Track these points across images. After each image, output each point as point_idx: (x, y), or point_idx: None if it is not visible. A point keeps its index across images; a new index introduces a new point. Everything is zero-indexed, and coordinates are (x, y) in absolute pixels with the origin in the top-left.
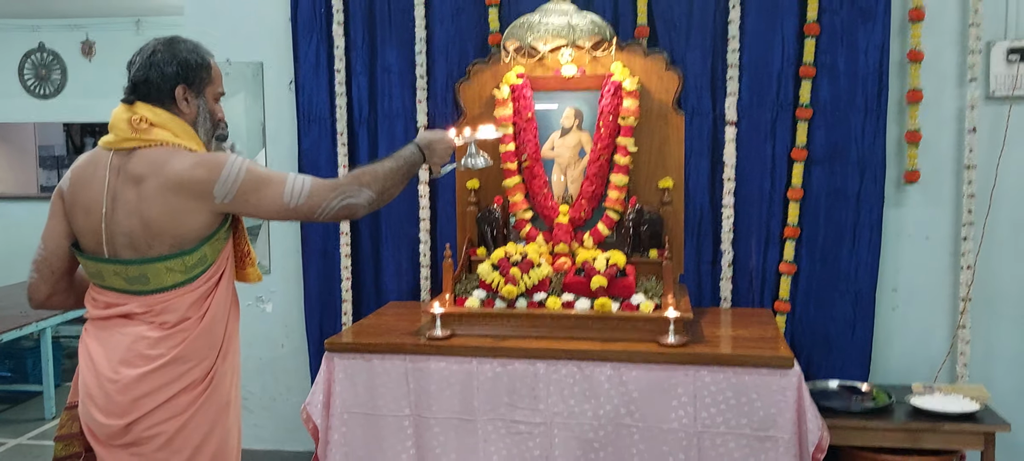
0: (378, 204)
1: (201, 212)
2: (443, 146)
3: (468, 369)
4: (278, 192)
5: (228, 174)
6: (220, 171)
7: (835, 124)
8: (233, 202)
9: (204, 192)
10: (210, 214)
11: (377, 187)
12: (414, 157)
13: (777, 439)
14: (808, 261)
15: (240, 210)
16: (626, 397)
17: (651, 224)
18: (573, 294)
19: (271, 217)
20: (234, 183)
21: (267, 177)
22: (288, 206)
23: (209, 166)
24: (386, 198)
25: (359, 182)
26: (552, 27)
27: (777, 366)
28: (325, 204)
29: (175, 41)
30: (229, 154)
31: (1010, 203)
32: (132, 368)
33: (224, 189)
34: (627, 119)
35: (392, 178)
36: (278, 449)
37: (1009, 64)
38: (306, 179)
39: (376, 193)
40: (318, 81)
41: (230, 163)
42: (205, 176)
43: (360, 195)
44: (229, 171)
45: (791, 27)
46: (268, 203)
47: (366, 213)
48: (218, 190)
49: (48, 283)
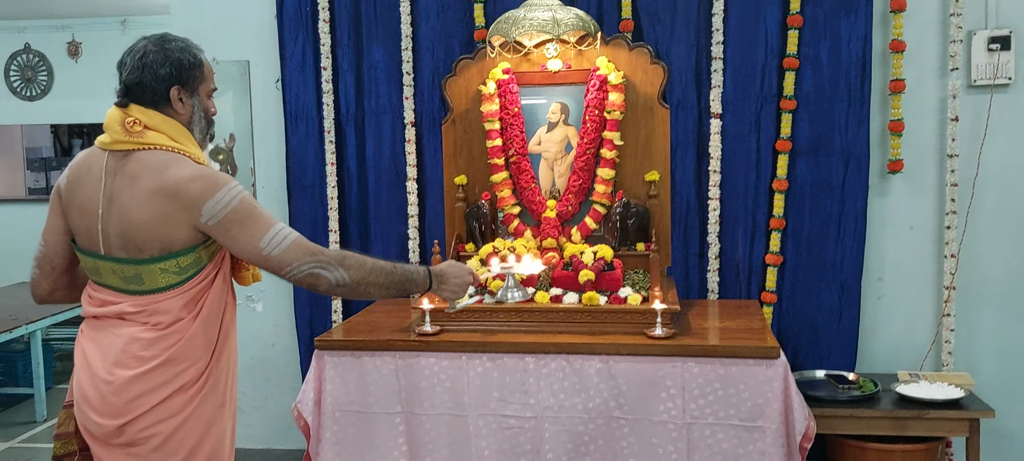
0: (349, 293)
1: (185, 225)
2: (459, 282)
3: (458, 365)
4: (259, 235)
5: (222, 197)
6: (215, 191)
7: (819, 115)
8: (216, 226)
9: (193, 206)
10: (193, 229)
11: (357, 276)
12: (416, 278)
13: (764, 429)
14: (794, 252)
15: (219, 237)
16: (615, 390)
17: (638, 217)
18: (561, 288)
19: (243, 256)
20: (224, 208)
21: (257, 216)
22: (261, 252)
23: (207, 182)
24: (362, 292)
25: (342, 262)
26: (537, 22)
27: (764, 357)
28: (296, 265)
29: (166, 40)
30: (230, 178)
31: (993, 191)
32: (126, 369)
33: (213, 210)
34: (613, 113)
35: (379, 278)
36: (270, 448)
37: (990, 53)
38: (291, 234)
39: (353, 281)
40: (305, 79)
41: (228, 187)
42: (199, 191)
43: (333, 273)
44: (223, 194)
45: (774, 19)
46: (245, 241)
47: (328, 293)
48: (207, 208)
49: (49, 279)
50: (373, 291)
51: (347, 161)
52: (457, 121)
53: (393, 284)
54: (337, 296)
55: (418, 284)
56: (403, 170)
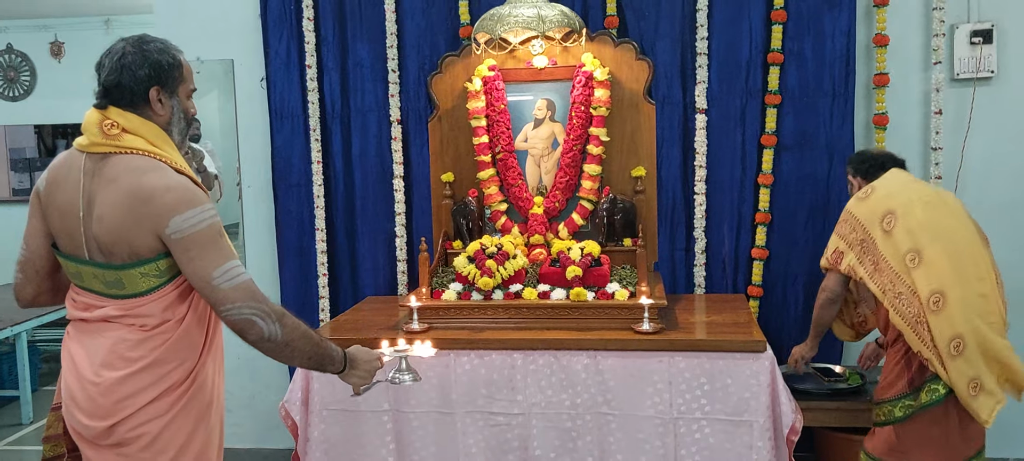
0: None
1: (150, 233)
2: (366, 368)
3: (446, 362)
4: (214, 264)
5: (192, 216)
6: (188, 208)
7: (803, 110)
8: (177, 242)
9: (162, 216)
10: (156, 238)
11: (288, 337)
12: (335, 357)
13: (752, 423)
14: (780, 246)
15: (176, 256)
16: (603, 385)
17: (625, 213)
18: (549, 285)
19: (191, 280)
20: (191, 227)
21: (219, 245)
22: (210, 281)
23: (181, 196)
24: (285, 355)
25: (280, 319)
26: (522, 19)
27: (750, 350)
28: (238, 305)
29: (144, 41)
30: (206, 199)
31: (976, 184)
32: (113, 371)
33: (179, 225)
34: (599, 109)
35: (305, 346)
36: (258, 447)
37: (972, 46)
38: (244, 275)
39: (283, 341)
40: (289, 77)
41: (202, 207)
42: (172, 203)
43: (269, 326)
44: (195, 214)
45: (758, 14)
46: (199, 266)
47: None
48: (174, 222)
49: (33, 283)
50: (295, 357)
51: (333, 159)
52: (443, 118)
53: (315, 356)
54: (261, 350)
55: (335, 364)
56: (389, 168)
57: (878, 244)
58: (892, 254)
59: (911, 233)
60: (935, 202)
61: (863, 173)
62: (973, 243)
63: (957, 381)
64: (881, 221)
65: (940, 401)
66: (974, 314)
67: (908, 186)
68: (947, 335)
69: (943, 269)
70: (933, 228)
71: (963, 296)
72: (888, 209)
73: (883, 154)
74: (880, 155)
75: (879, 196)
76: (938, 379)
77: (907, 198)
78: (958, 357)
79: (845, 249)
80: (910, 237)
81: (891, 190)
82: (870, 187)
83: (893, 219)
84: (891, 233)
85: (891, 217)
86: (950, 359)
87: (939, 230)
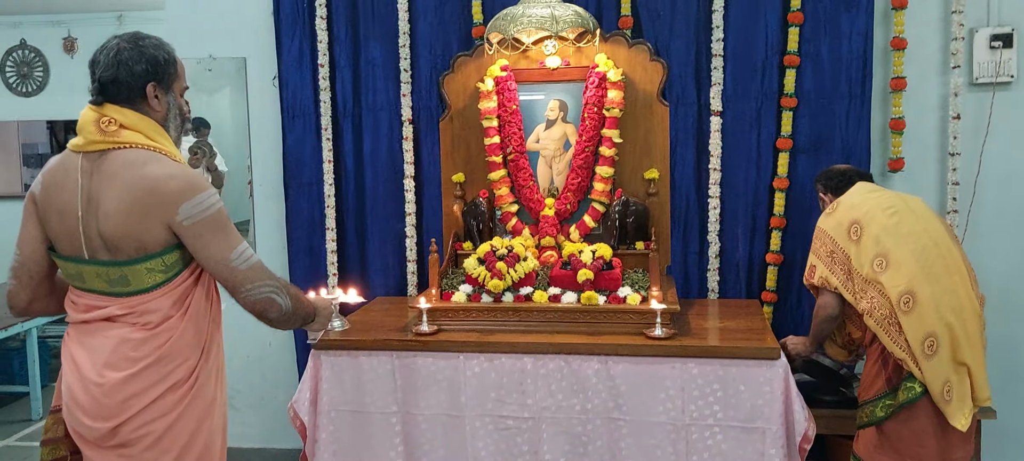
0: (284, 321)
1: (159, 224)
2: (325, 317)
3: (455, 365)
4: (230, 247)
5: (201, 200)
6: (194, 194)
7: (819, 113)
8: (190, 228)
9: (170, 204)
10: (166, 229)
11: (295, 305)
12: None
13: (764, 430)
14: (795, 251)
15: (190, 241)
16: (614, 390)
17: (637, 216)
18: (560, 288)
19: (208, 264)
20: (203, 213)
21: (230, 229)
22: (230, 264)
23: (185, 182)
24: (290, 323)
25: (288, 291)
26: (535, 19)
27: (764, 357)
28: (257, 284)
29: (139, 38)
30: (209, 185)
31: (994, 190)
32: (117, 371)
33: (190, 211)
34: (612, 110)
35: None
36: (267, 447)
37: (992, 50)
38: (255, 256)
39: (290, 310)
40: (302, 75)
41: (208, 192)
42: (178, 190)
43: (284, 300)
44: (203, 198)
45: (775, 16)
46: (216, 250)
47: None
48: (184, 209)
49: (28, 289)
50: (294, 321)
51: (344, 158)
52: (455, 118)
53: (306, 316)
54: (274, 325)
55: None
56: (401, 167)
57: (848, 254)
58: (861, 262)
59: (876, 239)
60: (898, 207)
61: (832, 189)
62: (941, 242)
63: (932, 382)
64: (848, 232)
65: (917, 398)
66: (946, 310)
67: (871, 195)
68: (920, 334)
69: (911, 269)
70: (897, 232)
71: (933, 294)
72: (853, 219)
73: (850, 169)
74: (847, 171)
75: (844, 208)
76: (914, 377)
77: (870, 207)
78: (933, 357)
79: (817, 262)
80: (876, 243)
81: (854, 201)
82: (837, 202)
83: (859, 228)
84: (859, 242)
85: (857, 226)
86: (925, 359)
87: (903, 233)
